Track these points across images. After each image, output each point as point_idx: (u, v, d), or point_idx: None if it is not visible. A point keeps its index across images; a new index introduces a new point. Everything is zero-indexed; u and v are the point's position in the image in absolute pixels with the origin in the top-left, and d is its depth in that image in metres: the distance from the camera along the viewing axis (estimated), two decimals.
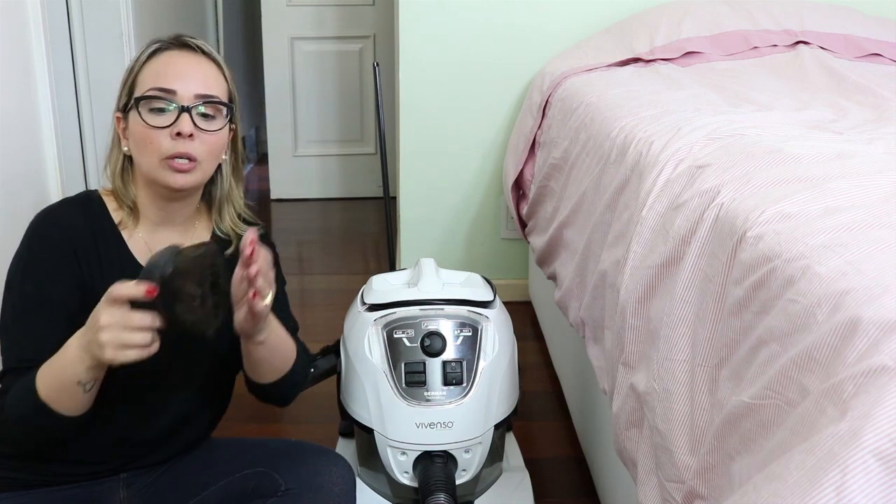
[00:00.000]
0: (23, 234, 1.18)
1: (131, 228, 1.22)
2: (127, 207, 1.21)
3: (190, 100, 1.15)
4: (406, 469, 1.34)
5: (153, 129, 1.14)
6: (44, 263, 1.15)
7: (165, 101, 1.14)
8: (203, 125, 1.16)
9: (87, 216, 1.19)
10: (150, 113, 1.15)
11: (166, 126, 1.14)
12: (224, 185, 1.27)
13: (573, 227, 1.67)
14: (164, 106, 1.15)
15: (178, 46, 1.19)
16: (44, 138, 2.18)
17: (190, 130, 1.14)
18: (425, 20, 2.55)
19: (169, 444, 1.28)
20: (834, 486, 0.59)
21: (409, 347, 1.35)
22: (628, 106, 1.61)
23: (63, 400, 1.06)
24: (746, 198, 0.98)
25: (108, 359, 1.00)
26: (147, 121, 1.14)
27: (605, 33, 2.47)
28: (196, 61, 1.19)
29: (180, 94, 1.15)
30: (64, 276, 1.15)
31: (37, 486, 1.20)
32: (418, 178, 2.70)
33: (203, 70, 1.19)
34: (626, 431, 1.17)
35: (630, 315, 1.18)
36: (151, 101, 1.15)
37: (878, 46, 2.18)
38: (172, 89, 1.15)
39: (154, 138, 1.14)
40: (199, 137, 1.16)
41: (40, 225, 1.18)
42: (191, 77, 1.17)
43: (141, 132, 1.15)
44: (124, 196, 1.21)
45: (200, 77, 1.18)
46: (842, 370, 0.66)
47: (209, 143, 1.17)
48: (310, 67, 3.99)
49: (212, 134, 1.17)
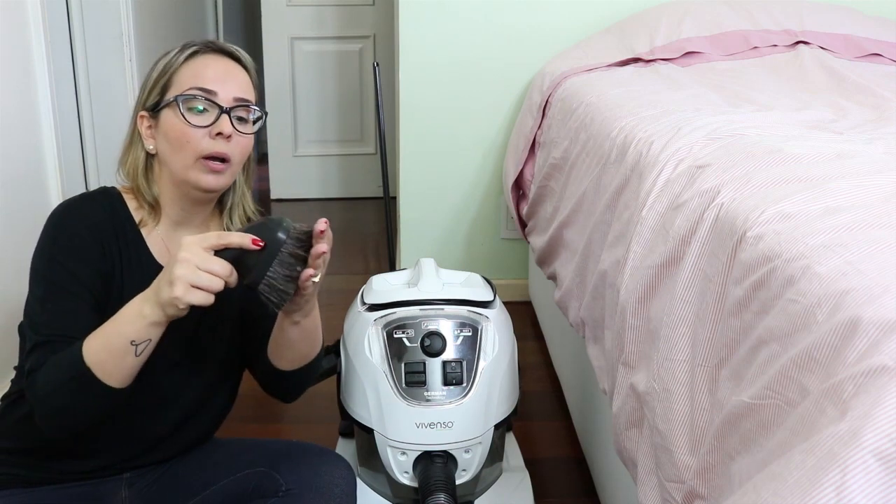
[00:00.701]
0: (43, 228, 1.18)
1: (150, 227, 1.22)
2: (148, 206, 1.22)
3: (229, 102, 1.17)
4: (406, 469, 1.35)
5: (193, 128, 1.15)
6: (70, 249, 1.15)
7: (207, 101, 1.16)
8: (239, 128, 1.18)
9: (109, 211, 1.20)
10: (190, 112, 1.16)
11: (206, 126, 1.16)
12: (238, 189, 1.29)
13: (573, 227, 1.67)
14: (204, 106, 1.16)
15: (215, 51, 1.21)
16: (44, 138, 2.18)
17: (230, 131, 1.16)
18: (425, 20, 2.55)
19: (174, 440, 1.28)
20: (834, 486, 0.59)
21: (409, 347, 1.35)
22: (628, 106, 1.61)
23: (110, 364, 1.04)
24: (746, 198, 0.98)
25: (174, 295, 0.99)
26: (188, 119, 1.16)
27: (605, 33, 2.47)
28: (233, 66, 1.21)
29: (221, 95, 1.17)
30: (90, 262, 1.15)
31: (39, 484, 1.21)
32: (418, 178, 2.70)
33: (239, 75, 1.21)
34: (626, 431, 1.17)
35: (630, 315, 1.18)
36: (192, 101, 1.16)
37: (878, 46, 2.18)
38: (213, 90, 1.17)
39: (192, 136, 1.16)
40: (235, 139, 1.18)
41: (64, 217, 1.18)
42: (229, 80, 1.19)
43: (179, 130, 1.16)
44: (146, 194, 1.21)
45: (238, 81, 1.20)
46: (842, 370, 0.66)
47: (242, 146, 1.20)
48: (310, 67, 3.99)
49: (245, 137, 1.20)
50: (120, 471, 1.26)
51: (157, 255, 1.22)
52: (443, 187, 2.71)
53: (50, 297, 1.13)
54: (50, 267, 1.14)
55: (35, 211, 2.11)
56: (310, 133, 4.08)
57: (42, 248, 1.16)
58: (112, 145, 2.86)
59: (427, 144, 2.66)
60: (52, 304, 1.13)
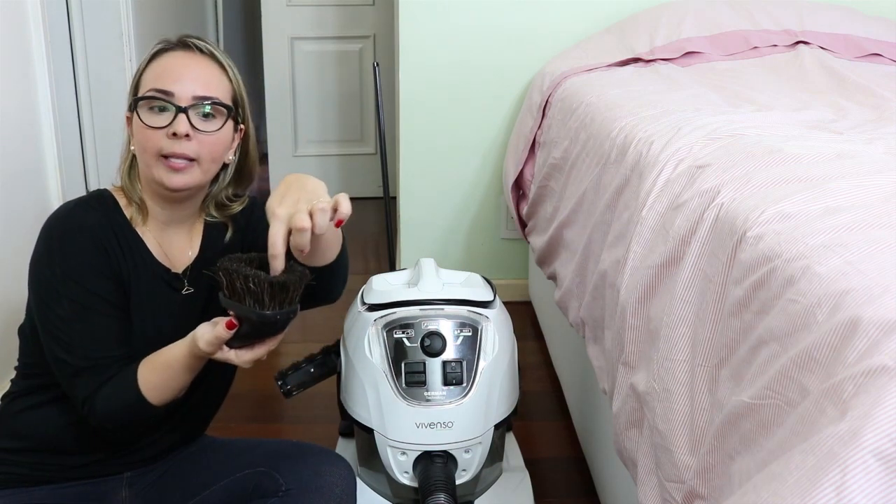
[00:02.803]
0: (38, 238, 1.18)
1: (142, 226, 1.23)
2: (135, 204, 1.23)
3: (187, 101, 1.16)
4: (406, 469, 1.34)
5: (150, 129, 1.16)
6: (81, 264, 1.15)
7: (163, 101, 1.16)
8: (201, 126, 1.17)
9: (104, 214, 1.20)
10: (149, 113, 1.16)
11: (163, 126, 1.15)
12: (220, 184, 1.28)
13: (573, 227, 1.67)
14: (162, 106, 1.16)
15: (182, 47, 1.21)
16: (44, 138, 2.18)
17: (185, 131, 1.15)
18: (425, 20, 2.55)
19: (172, 426, 1.28)
20: (834, 486, 0.59)
21: (409, 347, 1.35)
22: (628, 106, 1.61)
23: (164, 391, 1.15)
24: (746, 198, 0.98)
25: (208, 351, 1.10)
26: (145, 121, 1.16)
27: (605, 33, 2.47)
28: (197, 62, 1.20)
29: (178, 95, 1.16)
30: (103, 272, 1.16)
31: (39, 483, 1.21)
32: (418, 178, 2.70)
33: (204, 71, 1.19)
34: (626, 431, 1.17)
35: (630, 315, 1.18)
36: (150, 102, 1.16)
37: (878, 46, 2.18)
38: (170, 90, 1.16)
39: (151, 137, 1.16)
40: (197, 138, 1.16)
41: (62, 227, 1.17)
42: (190, 78, 1.17)
43: (140, 132, 1.17)
44: (132, 193, 1.23)
45: (201, 78, 1.18)
46: (842, 370, 0.66)
47: (208, 144, 1.18)
48: (310, 67, 3.99)
49: (210, 135, 1.18)
50: (120, 469, 1.26)
51: (154, 254, 1.23)
52: (443, 187, 2.71)
53: (76, 318, 1.14)
54: (66, 285, 1.14)
55: (35, 211, 2.11)
56: (310, 133, 4.07)
57: (49, 262, 1.15)
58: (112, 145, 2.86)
59: (427, 144, 2.66)
60: (81, 325, 1.14)
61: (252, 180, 1.34)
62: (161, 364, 1.15)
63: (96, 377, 1.14)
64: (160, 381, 1.14)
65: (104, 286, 1.16)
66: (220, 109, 1.19)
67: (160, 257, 1.23)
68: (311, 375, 1.38)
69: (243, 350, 1.11)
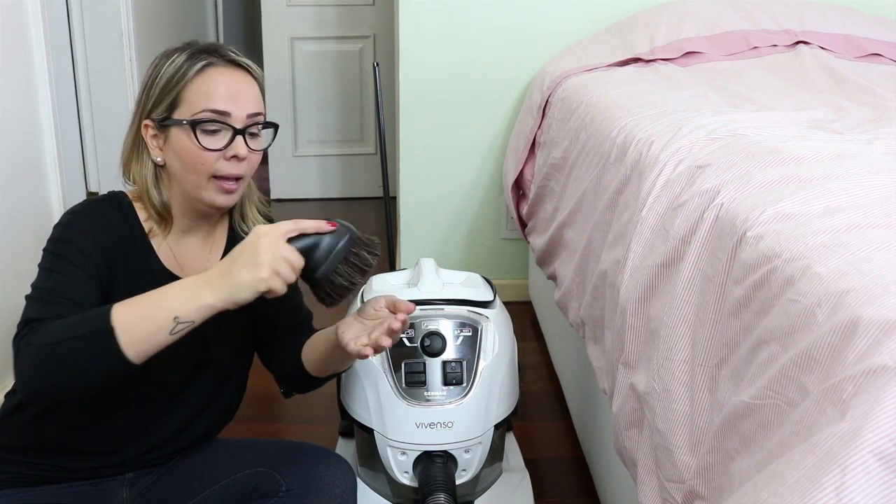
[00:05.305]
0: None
1: (160, 237, 1.21)
2: (158, 216, 1.20)
3: (242, 121, 1.15)
4: (406, 469, 1.34)
5: (207, 152, 1.14)
6: (82, 229, 1.14)
7: (221, 123, 1.14)
8: (253, 145, 1.17)
9: (119, 215, 1.19)
10: (204, 135, 1.14)
11: (220, 148, 1.14)
12: (248, 190, 1.28)
13: (573, 227, 1.67)
14: (217, 128, 1.14)
15: (226, 62, 1.17)
16: (44, 138, 2.18)
17: (246, 153, 1.15)
18: (425, 20, 2.55)
19: (182, 436, 1.28)
20: (834, 486, 0.59)
21: (409, 347, 1.35)
22: (628, 106, 1.61)
23: (139, 333, 0.99)
24: (746, 198, 0.98)
25: (261, 276, 0.99)
26: (202, 143, 1.13)
27: (605, 33, 2.47)
28: (244, 79, 1.18)
29: (234, 116, 1.14)
30: (101, 246, 1.14)
31: (39, 483, 1.21)
32: (418, 178, 2.70)
33: (251, 88, 1.19)
34: (626, 431, 1.17)
35: (630, 315, 1.18)
36: (206, 125, 1.13)
37: (878, 46, 2.18)
38: (227, 111, 1.14)
39: (207, 160, 1.14)
40: (248, 157, 1.16)
41: (79, 209, 1.17)
42: (242, 97, 1.16)
43: (193, 153, 1.14)
44: (157, 205, 1.19)
45: (251, 96, 1.17)
46: (842, 370, 0.66)
47: (253, 162, 1.18)
48: (310, 67, 3.99)
49: (257, 153, 1.18)
50: (123, 470, 1.26)
51: (165, 263, 1.22)
52: (443, 187, 2.71)
53: (56, 268, 1.11)
54: (56, 245, 1.13)
55: (35, 211, 2.11)
56: (310, 133, 4.07)
57: (54, 231, 1.15)
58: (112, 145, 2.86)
59: (427, 145, 2.66)
60: (59, 273, 1.10)
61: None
62: (146, 295, 1.02)
63: (53, 307, 1.05)
64: (141, 309, 1.00)
65: (97, 256, 1.13)
66: (266, 125, 1.20)
67: (172, 266, 1.22)
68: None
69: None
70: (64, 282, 1.09)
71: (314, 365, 1.27)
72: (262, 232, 1.02)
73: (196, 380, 1.26)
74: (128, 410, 1.21)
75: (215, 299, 1.00)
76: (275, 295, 1.02)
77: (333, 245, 1.07)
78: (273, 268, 1.00)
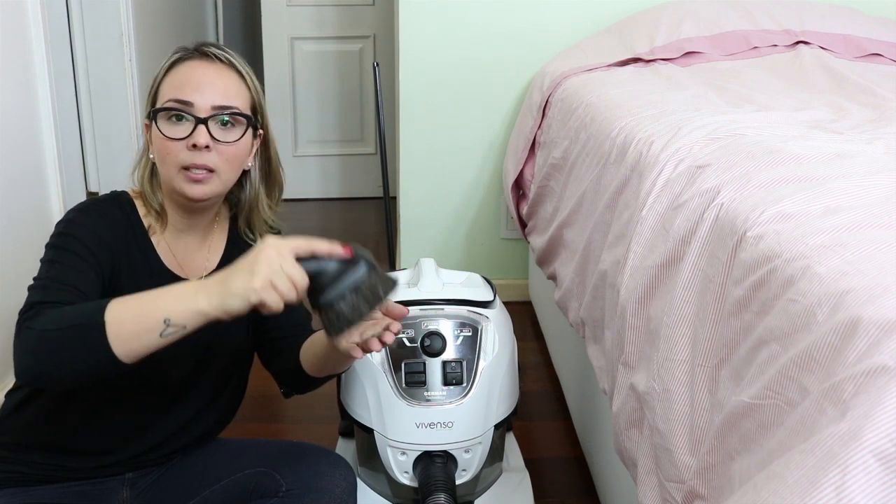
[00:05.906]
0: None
1: (159, 234, 1.23)
2: (155, 212, 1.22)
3: (206, 111, 1.15)
4: (406, 469, 1.34)
5: (170, 141, 1.15)
6: (84, 224, 1.15)
7: (182, 112, 1.15)
8: (221, 136, 1.16)
9: (121, 213, 1.20)
10: (168, 124, 1.15)
11: (182, 138, 1.14)
12: (250, 191, 1.28)
13: (573, 227, 1.67)
14: (181, 116, 1.15)
15: (200, 56, 1.19)
16: (44, 138, 2.18)
17: (206, 142, 1.14)
18: (425, 20, 2.55)
19: (181, 436, 1.28)
20: (834, 486, 0.59)
21: (409, 347, 1.35)
22: (628, 106, 1.61)
23: (128, 331, 0.98)
24: (746, 198, 0.98)
25: (253, 286, 0.95)
26: (164, 132, 1.15)
27: (605, 33, 2.47)
28: (216, 71, 1.18)
29: (197, 105, 1.15)
30: (103, 241, 1.15)
31: (40, 483, 1.21)
32: (418, 178, 2.70)
33: (223, 80, 1.18)
34: (626, 431, 1.17)
35: (630, 315, 1.18)
36: (169, 113, 1.15)
37: (878, 46, 2.18)
38: (189, 101, 1.15)
39: (171, 149, 1.15)
40: (217, 148, 1.16)
41: (77, 214, 1.18)
42: (209, 88, 1.16)
43: (159, 143, 1.16)
44: (152, 201, 1.21)
45: (220, 88, 1.17)
46: (842, 370, 0.66)
47: (227, 154, 1.17)
48: (310, 67, 3.99)
49: (230, 145, 1.17)
50: (123, 470, 1.26)
51: (165, 261, 1.23)
52: (443, 187, 2.71)
53: (59, 258, 1.12)
54: (59, 239, 1.14)
55: (35, 211, 2.11)
56: (310, 133, 4.07)
57: (58, 226, 1.16)
58: (112, 145, 2.87)
59: (427, 144, 2.66)
60: (61, 263, 1.11)
61: (280, 185, 1.31)
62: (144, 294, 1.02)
63: (56, 293, 1.06)
64: (134, 308, 1.00)
65: (99, 250, 1.14)
66: (240, 119, 1.18)
67: (171, 265, 1.23)
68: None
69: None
70: (66, 271, 1.10)
71: (312, 365, 1.27)
72: (269, 243, 0.99)
73: (196, 380, 1.26)
74: (128, 410, 1.22)
75: (207, 305, 0.98)
76: (270, 311, 0.98)
77: (342, 272, 1.00)
78: (268, 280, 0.96)
